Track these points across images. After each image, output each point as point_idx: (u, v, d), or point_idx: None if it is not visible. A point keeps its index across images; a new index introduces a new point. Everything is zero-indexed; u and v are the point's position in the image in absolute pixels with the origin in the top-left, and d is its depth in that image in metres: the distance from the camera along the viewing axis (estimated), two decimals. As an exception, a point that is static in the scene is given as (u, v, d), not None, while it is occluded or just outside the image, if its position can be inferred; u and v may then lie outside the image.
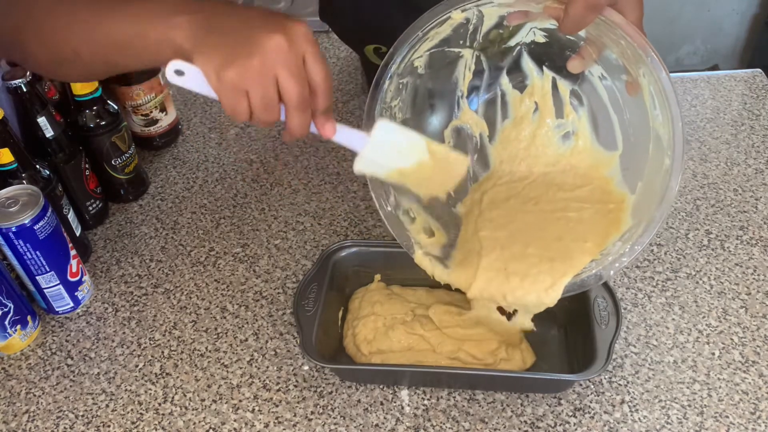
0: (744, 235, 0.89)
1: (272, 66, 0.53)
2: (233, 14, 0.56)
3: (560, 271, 0.69)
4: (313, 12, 1.12)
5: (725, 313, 0.80)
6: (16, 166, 0.82)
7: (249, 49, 0.53)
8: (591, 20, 0.61)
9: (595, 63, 0.69)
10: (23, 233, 0.77)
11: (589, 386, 0.74)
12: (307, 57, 0.55)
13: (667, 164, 0.63)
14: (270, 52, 0.53)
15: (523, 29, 0.71)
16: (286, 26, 0.54)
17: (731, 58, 2.19)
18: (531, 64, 0.74)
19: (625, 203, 0.71)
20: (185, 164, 1.07)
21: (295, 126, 0.57)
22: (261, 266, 0.90)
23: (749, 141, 1.03)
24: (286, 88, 0.54)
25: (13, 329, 0.79)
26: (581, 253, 0.69)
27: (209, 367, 0.79)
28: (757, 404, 0.72)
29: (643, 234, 0.65)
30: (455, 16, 0.67)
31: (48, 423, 0.74)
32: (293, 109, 0.55)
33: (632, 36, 0.61)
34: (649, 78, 0.63)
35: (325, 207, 0.97)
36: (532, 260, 0.70)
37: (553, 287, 0.68)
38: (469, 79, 0.76)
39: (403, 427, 0.72)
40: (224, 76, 0.53)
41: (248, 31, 0.54)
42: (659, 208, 0.64)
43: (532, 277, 0.69)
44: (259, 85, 0.54)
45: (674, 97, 0.61)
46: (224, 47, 0.54)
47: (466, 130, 0.78)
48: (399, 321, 0.78)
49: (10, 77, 0.82)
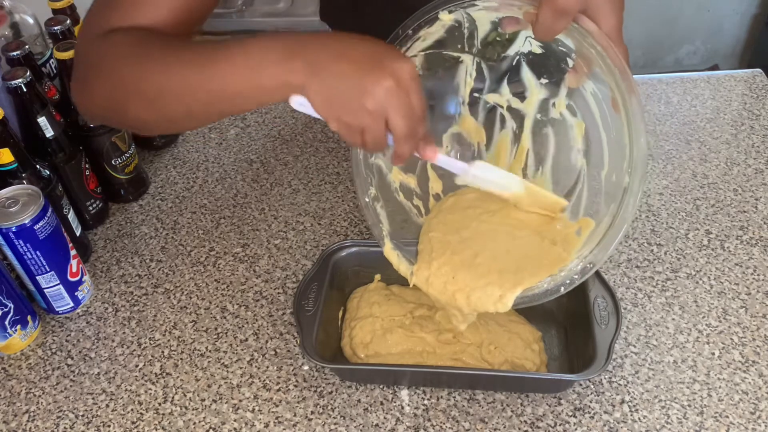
0: (744, 235, 0.89)
1: (383, 108, 0.58)
2: (344, 56, 0.59)
3: (511, 282, 0.68)
4: (314, 12, 1.12)
5: (725, 313, 0.80)
6: (16, 166, 0.82)
7: (364, 98, 0.57)
8: (562, 26, 0.60)
9: (587, 77, 0.68)
10: (23, 233, 0.77)
11: (589, 386, 0.74)
12: (411, 94, 0.59)
13: (626, 182, 0.63)
14: (382, 98, 0.57)
15: (520, 38, 0.70)
16: (393, 69, 0.58)
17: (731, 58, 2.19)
18: (530, 75, 0.73)
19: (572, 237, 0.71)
20: (185, 164, 1.07)
21: (404, 153, 0.62)
22: (261, 266, 0.90)
23: (749, 141, 1.03)
24: (394, 125, 0.59)
25: (13, 329, 0.79)
26: (535, 269, 0.69)
27: (209, 367, 0.79)
28: (757, 404, 0.72)
29: (598, 253, 0.66)
30: (443, 17, 0.66)
31: (48, 423, 0.74)
32: (402, 140, 0.61)
33: (604, 46, 0.60)
34: (617, 92, 0.62)
35: (325, 207, 0.97)
36: (481, 270, 0.70)
37: (501, 300, 0.68)
38: (470, 86, 0.75)
39: (403, 427, 0.72)
40: (344, 120, 0.59)
41: (360, 77, 0.58)
42: (614, 227, 0.64)
43: (480, 289, 0.69)
44: (372, 125, 0.59)
45: (639, 112, 0.60)
46: (340, 95, 0.58)
47: (464, 137, 0.78)
48: (397, 323, 0.78)
49: (10, 77, 0.82)
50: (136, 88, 0.65)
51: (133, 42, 0.66)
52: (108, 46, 0.67)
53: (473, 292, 0.69)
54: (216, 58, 0.63)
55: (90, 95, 0.69)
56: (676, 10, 2.06)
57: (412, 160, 0.75)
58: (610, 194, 0.67)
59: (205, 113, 0.67)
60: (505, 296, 0.68)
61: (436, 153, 0.64)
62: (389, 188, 0.75)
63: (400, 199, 0.76)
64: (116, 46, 0.66)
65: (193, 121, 0.71)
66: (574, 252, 0.69)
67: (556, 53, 0.69)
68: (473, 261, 0.70)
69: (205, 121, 0.83)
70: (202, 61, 0.63)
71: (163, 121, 0.69)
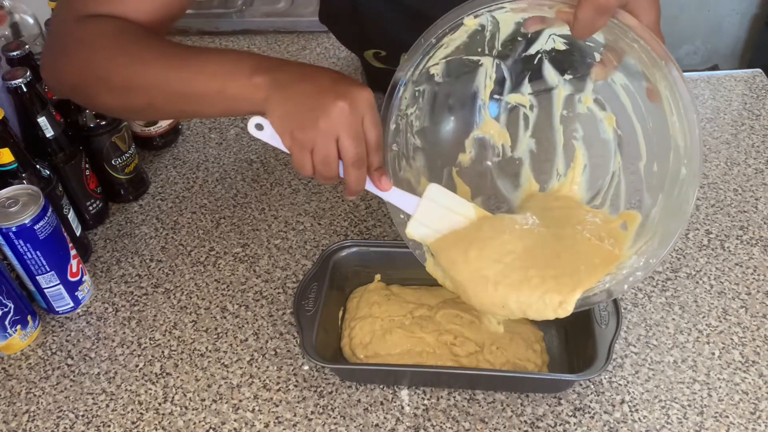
0: (744, 235, 0.89)
1: (335, 128, 0.60)
2: (306, 78, 0.62)
3: (569, 286, 0.66)
4: (313, 12, 1.12)
5: (725, 313, 0.80)
6: (16, 166, 0.82)
7: (317, 113, 0.60)
8: (602, 24, 0.59)
9: (617, 70, 0.67)
10: (23, 233, 0.77)
11: (589, 386, 0.74)
12: (365, 120, 0.61)
13: (683, 174, 0.62)
14: (334, 117, 0.60)
15: (542, 36, 0.69)
16: (350, 92, 0.60)
17: (731, 58, 2.19)
18: (553, 73, 0.72)
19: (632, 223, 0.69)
20: (185, 164, 1.07)
21: (353, 181, 0.63)
22: (261, 266, 0.90)
23: (749, 141, 1.03)
24: (344, 146, 0.61)
25: (13, 329, 0.79)
26: (590, 269, 0.67)
27: (209, 367, 0.79)
28: (757, 404, 0.72)
29: (659, 247, 0.64)
30: (468, 22, 0.66)
31: (48, 423, 0.74)
32: (350, 165, 0.62)
33: (646, 39, 0.60)
34: (664, 83, 0.62)
35: (325, 207, 0.97)
36: (535, 281, 0.67)
37: (562, 306, 0.66)
38: (490, 89, 0.74)
39: (403, 427, 0.72)
40: (295, 136, 0.61)
41: (318, 97, 0.60)
42: (675, 220, 0.62)
43: (538, 300, 0.66)
44: (322, 144, 0.61)
45: (691, 103, 0.59)
46: (297, 112, 0.61)
47: (488, 140, 0.77)
48: (397, 324, 0.78)
49: (10, 77, 0.82)
50: (105, 76, 0.67)
51: (108, 33, 0.68)
52: (83, 32, 0.69)
53: (530, 307, 0.66)
54: (189, 58, 0.65)
55: (60, 74, 0.72)
56: (676, 9, 2.05)
57: (438, 168, 0.75)
58: (653, 185, 0.67)
59: (166, 109, 0.70)
60: (566, 301, 0.65)
61: (390, 185, 0.66)
62: None
63: None
64: (92, 35, 0.68)
65: (156, 113, 0.75)
66: (626, 247, 0.67)
67: (581, 49, 0.68)
68: (526, 275, 0.67)
69: (166, 116, 0.89)
70: (175, 59, 0.65)
71: (127, 110, 0.72)
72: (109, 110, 0.77)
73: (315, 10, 1.05)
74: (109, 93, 0.68)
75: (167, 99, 0.66)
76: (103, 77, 0.68)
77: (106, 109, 0.74)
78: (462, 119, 0.76)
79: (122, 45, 0.67)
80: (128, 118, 0.94)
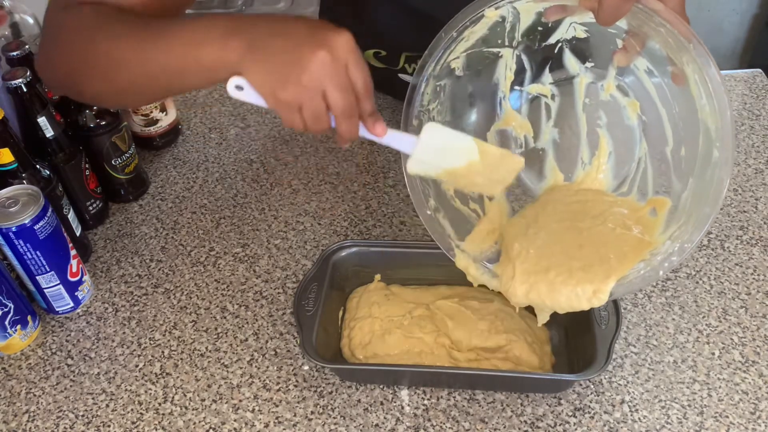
0: (744, 235, 0.89)
1: (319, 81, 0.57)
2: (280, 32, 0.59)
3: (601, 275, 0.66)
4: (314, 12, 1.12)
5: (725, 313, 0.80)
6: (16, 166, 0.82)
7: (298, 69, 0.57)
8: (627, 9, 0.59)
9: (639, 55, 0.67)
10: (23, 233, 0.77)
11: (589, 386, 0.74)
12: (349, 66, 0.59)
13: (716, 156, 0.61)
14: (316, 70, 0.57)
15: (563, 25, 0.69)
16: (328, 39, 0.57)
17: (731, 58, 2.19)
18: (574, 61, 0.72)
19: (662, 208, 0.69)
20: (185, 164, 1.07)
21: (345, 131, 0.61)
22: (261, 266, 0.90)
23: (749, 141, 1.03)
24: (332, 99, 0.58)
25: (13, 329, 0.79)
26: (620, 257, 0.66)
27: (209, 367, 0.79)
28: (757, 404, 0.72)
29: (693, 231, 0.63)
30: (489, 14, 0.65)
31: (48, 423, 0.74)
32: (341, 116, 0.60)
33: (672, 23, 0.59)
34: (693, 66, 0.61)
35: (325, 207, 0.97)
36: (561, 278, 0.67)
37: (596, 295, 0.66)
38: (510, 80, 0.73)
39: (403, 427, 0.72)
40: (279, 96, 0.58)
41: (295, 50, 0.57)
42: (709, 203, 0.61)
43: (569, 292, 0.66)
44: (309, 101, 0.58)
45: (721, 85, 0.59)
46: (276, 70, 0.58)
47: (510, 132, 0.76)
48: (396, 324, 0.78)
49: (10, 77, 0.82)
50: (87, 58, 0.66)
51: (89, 14, 0.67)
52: (70, 18, 0.68)
53: (563, 301, 0.67)
54: (164, 29, 0.63)
55: (52, 66, 0.71)
56: (676, 10, 2.05)
57: None
58: (681, 170, 0.66)
59: (151, 87, 0.67)
60: (600, 290, 0.65)
61: (385, 130, 0.63)
62: (445, 197, 0.74)
63: (457, 206, 0.75)
64: (79, 19, 0.67)
65: (143, 95, 0.72)
66: (657, 233, 0.67)
67: (603, 35, 0.67)
68: (547, 276, 0.67)
69: (153, 96, 0.82)
70: (153, 34, 0.64)
71: (114, 94, 0.70)
72: (97, 98, 0.75)
73: (315, 10, 1.05)
74: (93, 77, 0.67)
75: (148, 75, 0.65)
76: (85, 59, 0.66)
77: (95, 96, 0.73)
78: (483, 112, 0.76)
79: (101, 24, 0.66)
80: (118, 104, 0.90)
